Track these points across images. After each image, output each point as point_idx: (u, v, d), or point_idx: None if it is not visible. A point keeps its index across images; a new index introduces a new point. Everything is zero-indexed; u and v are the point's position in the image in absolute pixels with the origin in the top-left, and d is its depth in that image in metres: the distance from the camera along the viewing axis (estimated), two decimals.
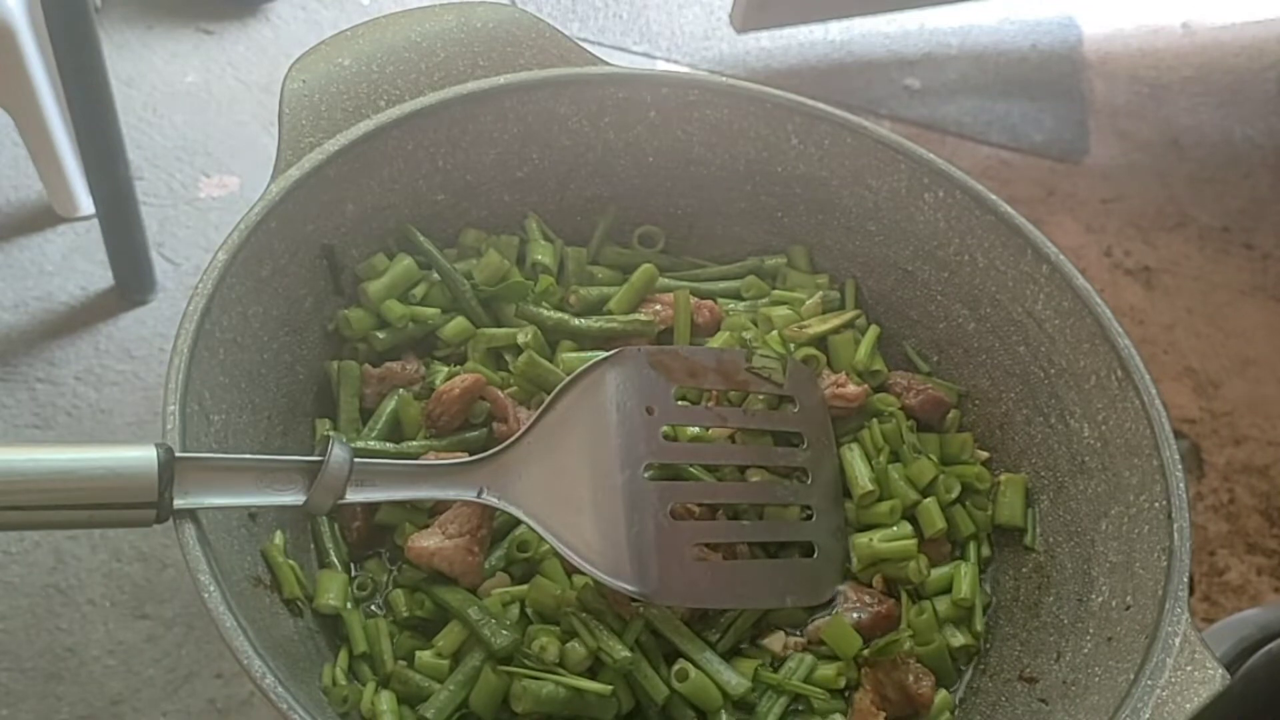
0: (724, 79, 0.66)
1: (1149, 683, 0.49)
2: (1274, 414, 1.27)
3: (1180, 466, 0.54)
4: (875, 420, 0.62)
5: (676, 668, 0.53)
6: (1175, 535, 0.53)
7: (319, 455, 0.49)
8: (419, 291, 0.63)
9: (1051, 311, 0.61)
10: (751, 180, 0.68)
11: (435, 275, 0.64)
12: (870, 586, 0.59)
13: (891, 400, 0.63)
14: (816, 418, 0.59)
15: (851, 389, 0.61)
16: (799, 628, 0.57)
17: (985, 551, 0.62)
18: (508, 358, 0.62)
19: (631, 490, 0.53)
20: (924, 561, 0.59)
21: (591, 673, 0.53)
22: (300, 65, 0.64)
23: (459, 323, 0.63)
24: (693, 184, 0.69)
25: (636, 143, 0.67)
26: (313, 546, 0.58)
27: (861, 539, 0.58)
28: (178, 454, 0.47)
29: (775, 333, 0.64)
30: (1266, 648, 0.88)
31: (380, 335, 0.62)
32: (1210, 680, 0.49)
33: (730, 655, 0.55)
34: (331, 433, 0.58)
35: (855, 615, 0.57)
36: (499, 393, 0.60)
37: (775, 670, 0.55)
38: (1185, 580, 0.51)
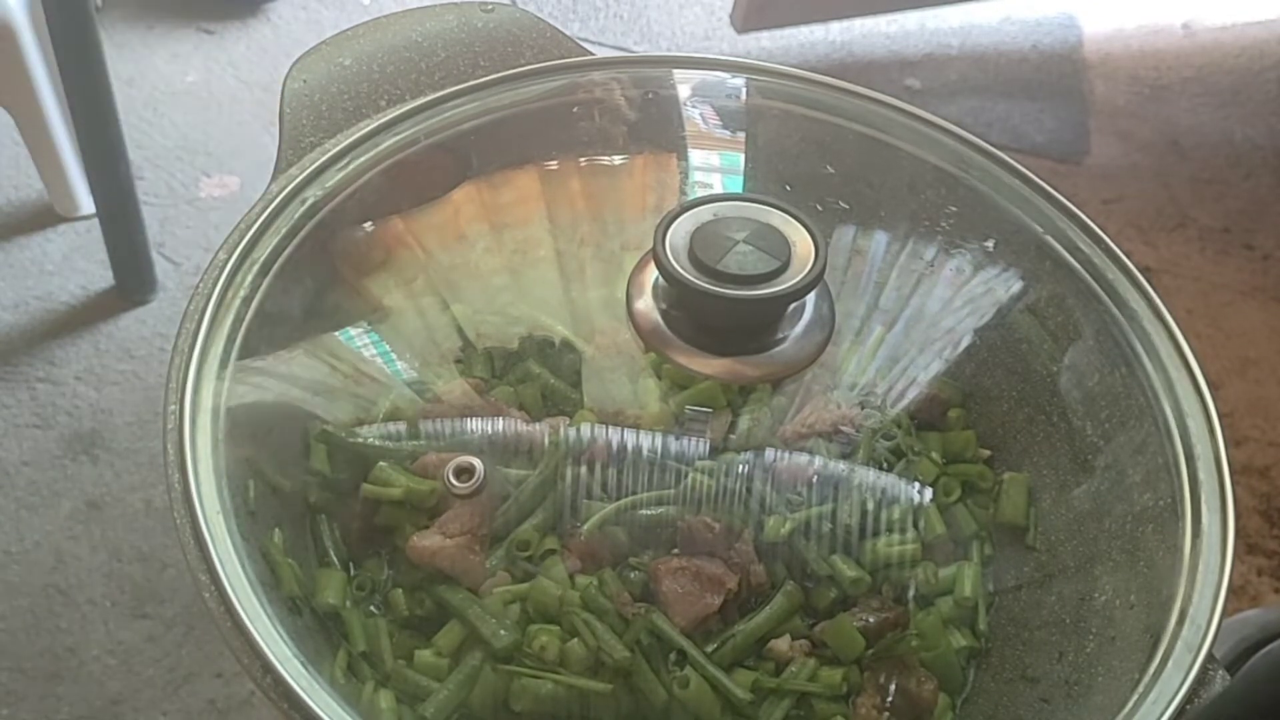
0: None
1: (1151, 683, 0.49)
2: (1274, 415, 1.27)
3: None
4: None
5: (678, 674, 0.53)
6: (1179, 534, 0.53)
7: None
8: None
9: (1054, 309, 0.61)
10: None
11: None
12: (879, 593, 0.58)
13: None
14: None
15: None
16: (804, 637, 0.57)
17: (987, 550, 0.62)
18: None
19: None
20: (931, 569, 0.59)
21: (592, 673, 0.53)
22: (301, 65, 0.64)
23: None
24: None
25: None
26: (312, 545, 0.58)
27: (866, 544, 0.58)
28: None
29: None
30: (1266, 648, 0.88)
31: None
32: (1210, 680, 0.49)
33: (732, 665, 0.55)
34: None
35: (862, 620, 0.56)
36: (488, 401, 0.60)
37: (778, 674, 0.55)
38: (1189, 579, 0.51)
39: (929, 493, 0.61)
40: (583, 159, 0.66)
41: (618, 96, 0.65)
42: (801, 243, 0.51)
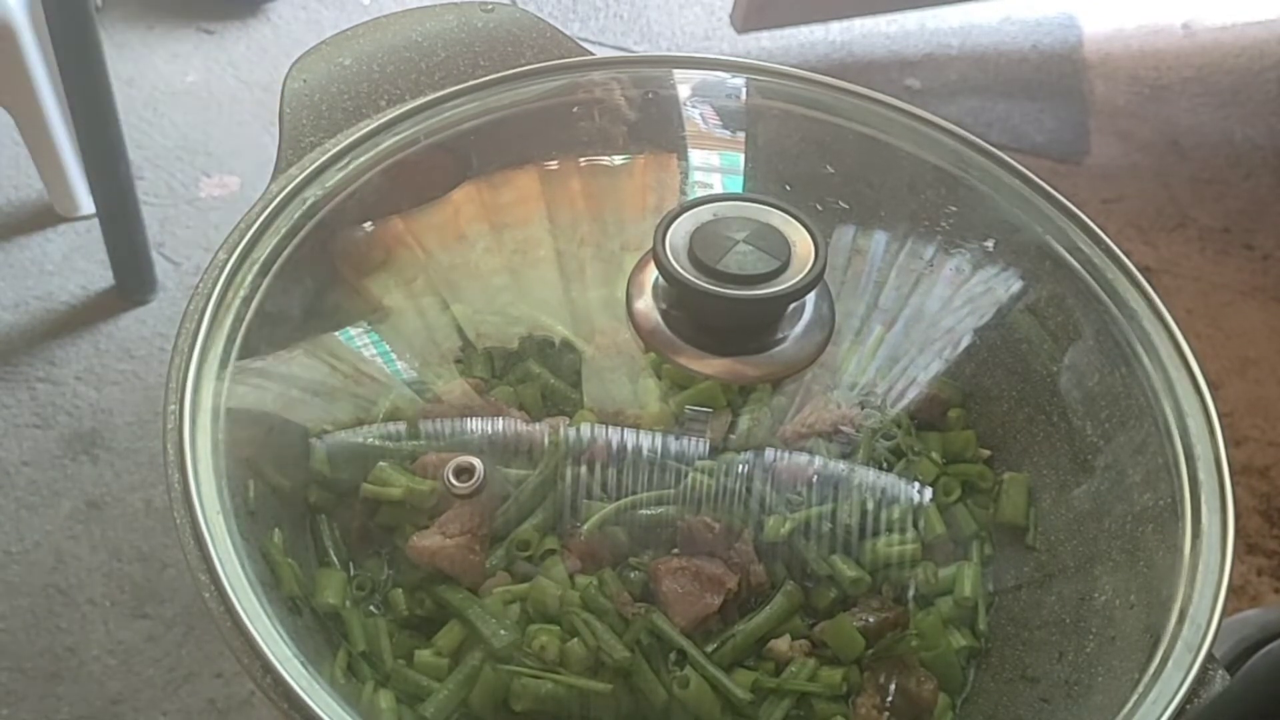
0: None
1: (1151, 683, 0.49)
2: (1274, 415, 1.27)
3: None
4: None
5: (678, 674, 0.53)
6: (1179, 534, 0.53)
7: None
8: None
9: (1054, 309, 0.61)
10: None
11: None
12: (879, 593, 0.58)
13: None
14: None
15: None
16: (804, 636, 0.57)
17: (987, 550, 0.62)
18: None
19: None
20: (931, 569, 0.59)
21: (592, 673, 0.53)
22: (301, 65, 0.64)
23: None
24: None
25: None
26: (312, 545, 0.58)
27: (866, 544, 0.58)
28: None
29: None
30: (1266, 648, 0.88)
31: None
32: (1210, 680, 0.49)
33: (732, 665, 0.55)
34: None
35: (862, 620, 0.56)
36: (488, 401, 0.60)
37: (778, 674, 0.55)
38: (1189, 579, 0.51)
39: (929, 493, 0.61)
40: (583, 159, 0.66)
41: (618, 96, 0.65)
42: (801, 243, 0.51)
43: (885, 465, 0.61)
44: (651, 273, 0.53)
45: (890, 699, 0.55)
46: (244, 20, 1.58)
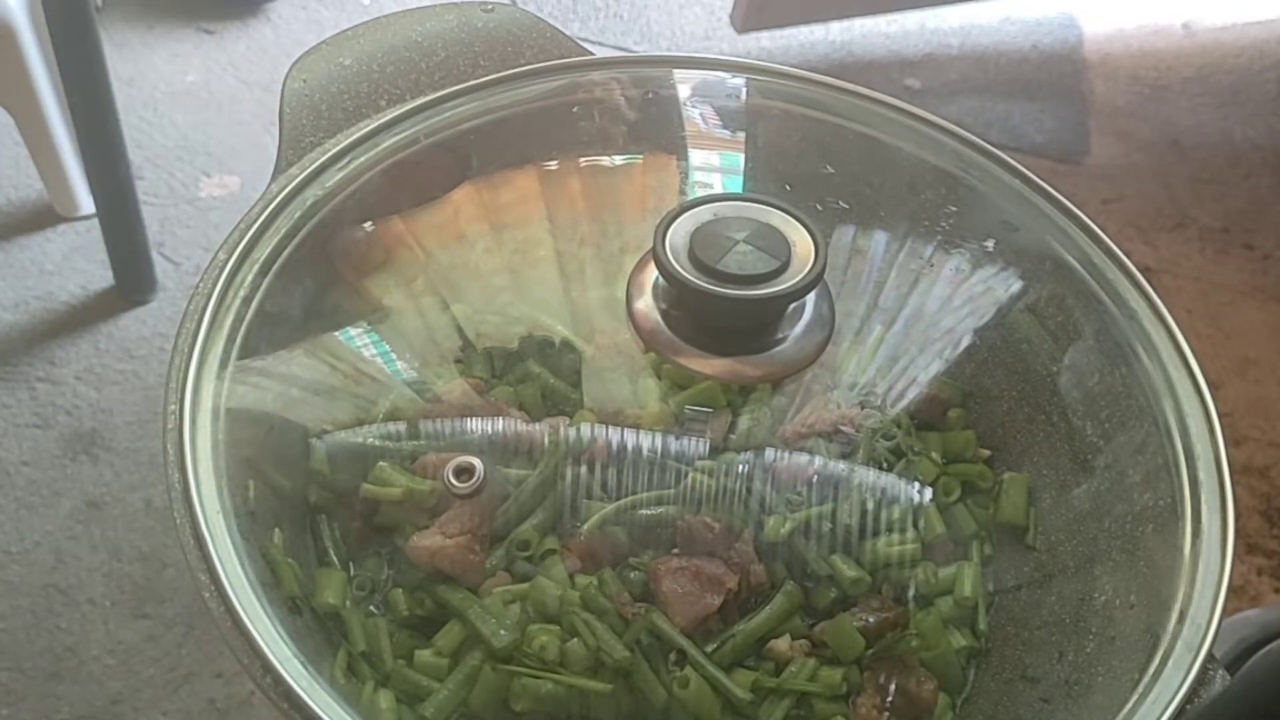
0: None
1: (1151, 683, 0.49)
2: (1274, 415, 1.27)
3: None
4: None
5: (678, 674, 0.53)
6: (1179, 534, 0.53)
7: None
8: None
9: (1054, 309, 0.61)
10: None
11: None
12: (879, 593, 0.58)
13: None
14: None
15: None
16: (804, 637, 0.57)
17: (987, 550, 0.62)
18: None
19: None
20: (931, 569, 0.59)
21: (592, 673, 0.53)
22: (301, 65, 0.64)
23: None
24: None
25: None
26: (312, 545, 0.58)
27: (866, 544, 0.58)
28: None
29: None
30: (1266, 648, 0.88)
31: None
32: (1210, 680, 0.49)
33: (732, 664, 0.55)
34: None
35: (862, 620, 0.56)
36: (488, 401, 0.60)
37: (778, 674, 0.55)
38: (1189, 579, 0.51)
39: (929, 493, 0.61)
40: (583, 159, 0.66)
41: (618, 96, 0.65)
42: (801, 243, 0.51)
43: (885, 465, 0.61)
44: (651, 273, 0.53)
45: (890, 699, 0.55)
46: (244, 20, 1.58)
